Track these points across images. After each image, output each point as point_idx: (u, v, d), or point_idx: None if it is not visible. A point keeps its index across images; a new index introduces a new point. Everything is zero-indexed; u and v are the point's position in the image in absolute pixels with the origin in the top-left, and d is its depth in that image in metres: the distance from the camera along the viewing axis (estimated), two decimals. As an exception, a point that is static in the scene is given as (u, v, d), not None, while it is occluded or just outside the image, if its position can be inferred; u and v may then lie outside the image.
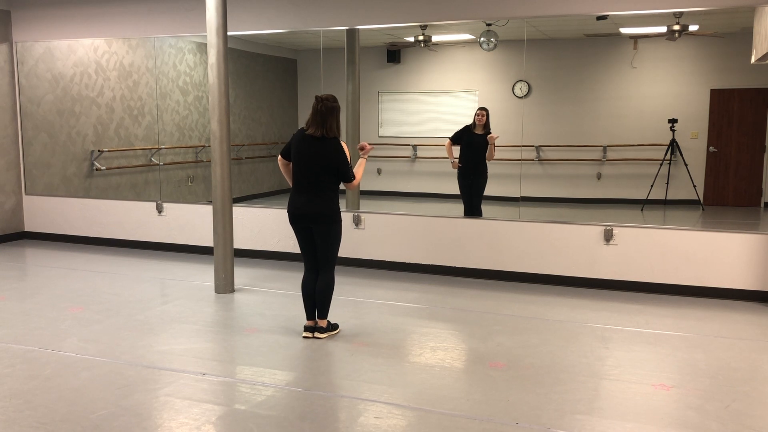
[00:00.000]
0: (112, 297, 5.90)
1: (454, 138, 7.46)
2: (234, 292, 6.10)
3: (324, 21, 6.99)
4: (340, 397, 3.81)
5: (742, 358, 4.47)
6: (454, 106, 10.25)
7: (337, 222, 4.68)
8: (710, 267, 5.93)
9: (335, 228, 4.67)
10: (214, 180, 5.98)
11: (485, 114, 7.33)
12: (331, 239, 4.68)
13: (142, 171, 8.63)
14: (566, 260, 6.36)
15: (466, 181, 7.46)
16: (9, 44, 8.40)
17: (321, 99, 4.61)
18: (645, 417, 3.56)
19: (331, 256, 4.74)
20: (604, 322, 5.23)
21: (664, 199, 9.24)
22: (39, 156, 8.54)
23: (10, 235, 8.54)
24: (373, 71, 10.38)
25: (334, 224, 4.66)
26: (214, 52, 5.83)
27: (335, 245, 4.72)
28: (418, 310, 5.58)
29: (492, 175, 7.72)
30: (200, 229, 7.67)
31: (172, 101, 8.64)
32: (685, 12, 6.46)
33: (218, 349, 4.62)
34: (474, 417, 3.55)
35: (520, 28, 7.17)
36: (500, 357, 4.45)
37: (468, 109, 10.06)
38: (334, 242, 4.70)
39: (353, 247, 7.09)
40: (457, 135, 7.45)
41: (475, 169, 7.42)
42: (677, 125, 9.08)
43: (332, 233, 4.67)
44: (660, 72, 9.38)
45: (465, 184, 7.48)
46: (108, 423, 3.46)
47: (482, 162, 7.37)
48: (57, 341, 4.71)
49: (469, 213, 7.39)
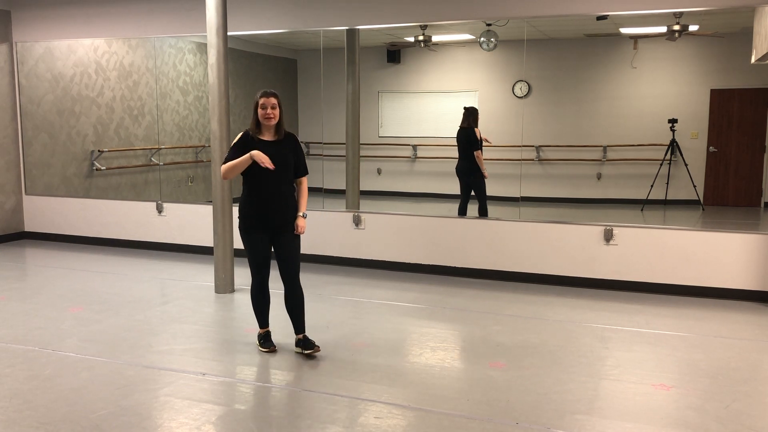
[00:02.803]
0: (112, 297, 5.90)
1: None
2: (234, 292, 6.10)
3: (324, 21, 6.99)
4: (340, 397, 3.81)
5: (742, 358, 4.47)
6: (454, 106, 10.23)
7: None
8: (710, 267, 5.93)
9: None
10: (214, 180, 5.98)
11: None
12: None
13: (142, 171, 8.62)
14: (566, 260, 6.36)
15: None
16: (9, 44, 8.40)
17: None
18: (645, 417, 3.56)
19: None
20: (604, 322, 5.22)
21: (664, 199, 9.24)
22: (39, 156, 8.54)
23: (10, 235, 8.54)
24: (373, 71, 10.38)
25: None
26: (214, 52, 5.83)
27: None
28: (418, 310, 5.58)
29: (492, 175, 7.74)
30: (200, 229, 7.67)
31: (172, 101, 8.64)
32: (685, 12, 6.46)
33: (218, 349, 4.62)
34: (474, 417, 3.55)
35: (520, 28, 7.17)
36: (500, 357, 4.45)
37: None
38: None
39: (353, 247, 7.09)
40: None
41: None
42: (677, 125, 9.08)
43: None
44: (660, 72, 9.38)
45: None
46: (108, 423, 3.46)
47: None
48: (57, 341, 4.71)
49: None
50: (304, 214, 4.43)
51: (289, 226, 4.37)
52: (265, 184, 4.29)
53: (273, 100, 4.28)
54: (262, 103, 4.27)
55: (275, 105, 4.29)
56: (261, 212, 4.34)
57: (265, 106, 4.27)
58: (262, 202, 4.32)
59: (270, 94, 4.30)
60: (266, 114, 4.27)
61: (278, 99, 4.31)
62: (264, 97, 4.28)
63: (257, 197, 4.32)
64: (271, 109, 4.27)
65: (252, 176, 4.30)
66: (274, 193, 4.31)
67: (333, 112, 8.68)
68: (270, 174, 4.24)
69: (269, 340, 4.58)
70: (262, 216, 4.34)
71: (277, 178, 4.29)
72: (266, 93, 4.30)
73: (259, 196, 4.32)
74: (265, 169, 4.20)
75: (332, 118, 8.80)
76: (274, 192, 4.31)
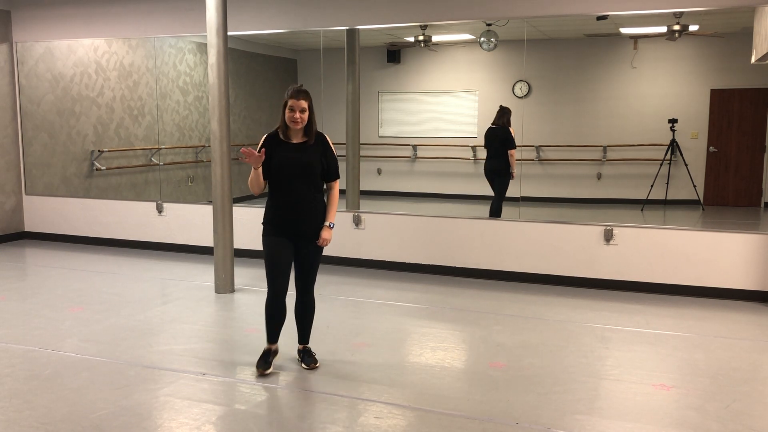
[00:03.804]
0: (112, 297, 5.90)
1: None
2: (234, 292, 6.10)
3: (324, 21, 6.99)
4: (340, 397, 3.81)
5: (742, 358, 4.47)
6: (454, 106, 10.25)
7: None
8: (710, 267, 5.93)
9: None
10: (214, 180, 5.98)
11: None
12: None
13: (142, 171, 8.62)
14: (566, 260, 6.36)
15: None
16: (9, 44, 8.40)
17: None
18: (645, 417, 3.56)
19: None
20: (604, 322, 5.22)
21: (664, 199, 9.24)
22: (39, 156, 8.54)
23: (10, 235, 8.54)
24: (373, 71, 10.39)
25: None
26: (214, 52, 5.83)
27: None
28: (418, 310, 5.58)
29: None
30: (200, 229, 7.67)
31: (172, 101, 8.64)
32: (685, 12, 6.46)
33: (218, 349, 4.62)
34: (474, 417, 3.55)
35: (520, 28, 7.17)
36: (500, 357, 4.45)
37: (468, 109, 10.08)
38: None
39: (353, 247, 7.09)
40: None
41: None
42: (677, 125, 9.08)
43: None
44: (660, 72, 9.39)
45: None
46: (108, 423, 3.46)
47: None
48: (57, 341, 4.71)
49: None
50: (330, 224, 4.06)
51: (315, 235, 4.04)
52: (288, 189, 3.97)
53: (303, 104, 3.88)
54: (291, 106, 3.89)
55: (304, 109, 3.89)
56: (285, 218, 4.02)
57: (293, 108, 3.88)
58: (286, 208, 4.00)
59: (300, 94, 3.89)
60: (293, 117, 3.89)
61: (310, 100, 3.92)
62: (293, 98, 3.88)
63: (282, 202, 4.01)
64: (300, 113, 3.88)
65: (274, 180, 4.00)
66: (300, 198, 3.98)
67: (333, 112, 8.67)
68: (294, 178, 3.94)
69: (267, 360, 4.16)
70: (285, 222, 4.02)
71: (301, 183, 3.96)
72: (297, 93, 3.89)
73: (283, 200, 4.00)
74: (288, 172, 3.93)
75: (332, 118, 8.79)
76: (300, 197, 3.98)
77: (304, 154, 3.98)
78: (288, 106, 3.90)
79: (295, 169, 3.96)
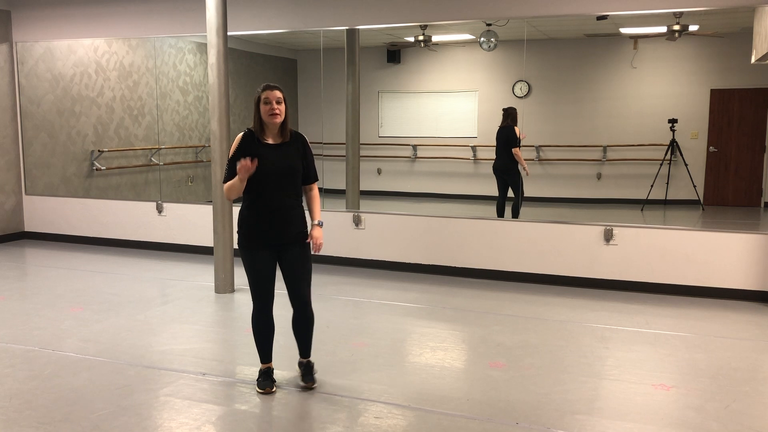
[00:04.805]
0: (112, 297, 5.90)
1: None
2: (234, 292, 6.10)
3: (324, 21, 6.99)
4: (340, 397, 3.81)
5: (742, 358, 4.46)
6: (454, 106, 10.25)
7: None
8: (710, 267, 5.93)
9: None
10: (214, 180, 5.98)
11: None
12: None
13: (142, 171, 8.62)
14: (566, 260, 6.36)
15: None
16: (9, 44, 8.40)
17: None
18: (645, 417, 3.56)
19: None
20: (604, 322, 5.22)
21: (664, 199, 9.24)
22: (39, 156, 8.54)
23: (10, 235, 8.54)
24: (373, 71, 10.38)
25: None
26: (214, 52, 5.83)
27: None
28: (418, 310, 5.58)
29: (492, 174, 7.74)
30: (200, 229, 7.67)
31: (172, 101, 8.64)
32: (685, 12, 6.46)
33: (218, 349, 4.62)
34: (474, 417, 3.55)
35: (520, 28, 7.17)
36: (500, 357, 4.45)
37: (468, 110, 10.08)
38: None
39: (353, 247, 7.09)
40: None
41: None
42: (677, 125, 9.08)
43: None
44: (660, 72, 9.38)
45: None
46: (108, 423, 3.46)
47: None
48: (57, 341, 4.71)
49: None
50: (319, 222, 3.83)
51: (297, 239, 3.78)
52: (269, 195, 3.69)
53: (278, 94, 3.65)
54: (266, 98, 3.64)
55: (280, 99, 3.65)
56: (264, 227, 3.72)
57: (269, 100, 3.63)
58: (265, 215, 3.70)
59: (273, 86, 3.67)
60: (271, 110, 3.62)
61: (284, 94, 3.68)
62: (267, 90, 3.65)
63: (261, 209, 3.71)
64: (276, 103, 3.63)
65: (253, 186, 3.67)
66: (280, 204, 3.71)
67: (333, 112, 8.68)
68: (274, 183, 3.68)
69: (270, 378, 3.92)
70: (265, 231, 3.72)
71: (282, 187, 3.71)
72: (269, 86, 3.67)
73: (262, 207, 3.71)
74: (271, 177, 3.66)
75: (332, 118, 8.80)
76: (280, 203, 3.71)
77: (285, 158, 3.73)
78: (263, 99, 3.65)
79: (277, 174, 3.70)
